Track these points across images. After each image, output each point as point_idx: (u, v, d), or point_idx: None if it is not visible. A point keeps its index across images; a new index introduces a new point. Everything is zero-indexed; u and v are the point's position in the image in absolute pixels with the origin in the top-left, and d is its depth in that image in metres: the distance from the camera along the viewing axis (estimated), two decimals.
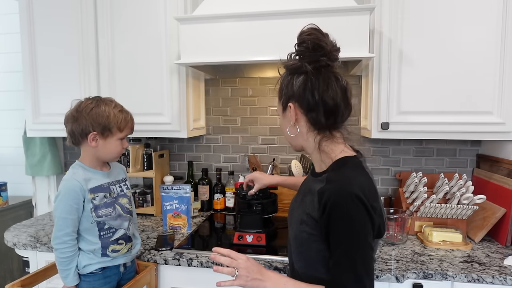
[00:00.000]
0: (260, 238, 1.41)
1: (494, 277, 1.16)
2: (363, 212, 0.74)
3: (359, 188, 0.75)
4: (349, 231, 0.75)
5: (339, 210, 0.75)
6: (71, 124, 1.10)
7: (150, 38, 1.67)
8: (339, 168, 0.82)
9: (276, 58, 1.41)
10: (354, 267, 0.74)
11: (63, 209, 1.08)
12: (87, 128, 1.08)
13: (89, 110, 1.08)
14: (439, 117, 1.46)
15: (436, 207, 1.48)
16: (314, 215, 0.80)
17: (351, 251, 0.75)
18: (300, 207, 0.89)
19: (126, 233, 1.19)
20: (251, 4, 1.44)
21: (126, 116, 1.14)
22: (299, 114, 0.86)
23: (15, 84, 2.32)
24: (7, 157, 2.39)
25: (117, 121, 1.10)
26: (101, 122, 1.08)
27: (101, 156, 1.14)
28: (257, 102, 1.99)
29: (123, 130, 1.13)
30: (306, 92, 0.82)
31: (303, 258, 0.86)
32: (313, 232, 0.81)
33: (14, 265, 2.18)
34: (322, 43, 0.80)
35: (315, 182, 0.86)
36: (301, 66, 0.83)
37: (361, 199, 0.74)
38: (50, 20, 1.77)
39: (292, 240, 0.90)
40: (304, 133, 0.87)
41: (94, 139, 1.09)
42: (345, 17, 1.35)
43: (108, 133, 1.10)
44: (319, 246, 0.81)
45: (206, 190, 1.96)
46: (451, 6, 1.41)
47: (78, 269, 1.12)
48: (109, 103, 1.12)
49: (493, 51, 1.40)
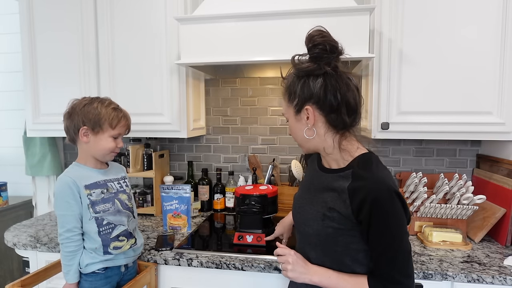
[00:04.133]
0: (260, 238, 1.41)
1: (494, 277, 1.16)
2: (400, 206, 0.80)
3: (393, 183, 0.81)
4: (393, 225, 0.80)
5: (381, 206, 0.79)
6: (66, 120, 1.15)
7: (150, 38, 1.67)
8: (365, 165, 0.85)
9: (276, 58, 1.42)
10: (401, 259, 0.81)
11: (60, 206, 1.10)
12: (79, 124, 1.11)
13: (82, 106, 1.12)
14: (439, 117, 1.46)
15: (436, 207, 1.48)
16: (342, 210, 0.83)
17: (395, 244, 0.81)
18: (316, 203, 0.90)
19: (126, 229, 1.19)
20: (251, 4, 1.44)
21: (118, 113, 1.15)
22: (317, 115, 0.86)
23: (15, 84, 2.32)
24: (7, 157, 2.39)
25: (109, 117, 1.12)
26: (92, 118, 1.11)
27: (93, 153, 1.15)
28: (257, 102, 1.99)
29: (115, 127, 1.14)
30: (328, 94, 0.83)
31: (327, 253, 0.88)
32: (340, 226, 0.84)
33: (14, 265, 2.18)
34: (337, 45, 0.83)
35: (336, 178, 0.87)
36: (318, 68, 0.83)
37: (398, 194, 0.80)
38: (50, 20, 1.77)
39: (313, 237, 0.90)
40: (322, 135, 0.88)
41: (85, 134, 1.12)
42: (345, 17, 1.35)
43: (98, 129, 1.12)
44: (346, 239, 0.85)
45: (206, 190, 1.96)
46: (450, 6, 1.41)
47: (80, 268, 1.12)
48: (103, 101, 1.15)
49: (493, 51, 1.40)
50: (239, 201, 1.48)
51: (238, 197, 1.49)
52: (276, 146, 2.00)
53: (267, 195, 1.46)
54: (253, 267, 1.27)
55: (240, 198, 1.48)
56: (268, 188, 1.52)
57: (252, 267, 1.28)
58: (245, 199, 1.46)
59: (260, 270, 1.27)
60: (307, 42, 0.84)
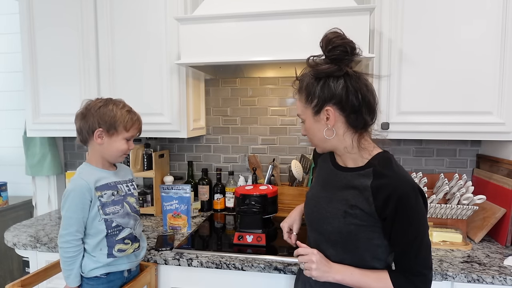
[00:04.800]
0: (260, 238, 1.41)
1: (494, 277, 1.16)
2: (422, 202, 0.84)
3: (414, 181, 0.84)
4: (417, 221, 0.83)
5: (407, 202, 0.81)
6: (79, 121, 1.14)
7: (150, 38, 1.67)
8: (385, 163, 0.87)
9: (276, 58, 1.42)
10: (423, 253, 0.84)
11: (69, 208, 1.09)
12: (94, 125, 1.11)
13: (97, 108, 1.12)
14: (439, 117, 1.46)
15: (436, 207, 1.48)
16: (365, 207, 0.85)
17: (419, 239, 0.84)
18: (336, 201, 0.91)
19: (132, 232, 1.19)
20: (251, 4, 1.44)
21: (133, 116, 1.17)
22: (337, 116, 0.87)
23: (15, 84, 2.32)
24: (7, 157, 2.39)
25: (124, 120, 1.13)
26: (108, 120, 1.11)
27: (106, 155, 1.16)
28: (257, 102, 1.99)
29: (129, 129, 1.15)
30: (350, 95, 0.85)
31: (348, 250, 0.89)
32: (362, 223, 0.86)
33: (14, 265, 2.18)
34: (355, 46, 0.85)
35: (356, 176, 0.89)
36: (339, 70, 0.85)
37: (421, 191, 0.84)
38: (50, 20, 1.77)
39: (333, 234, 0.90)
40: (341, 135, 0.89)
41: (100, 136, 1.12)
42: (345, 17, 1.34)
43: (113, 131, 1.13)
44: (368, 235, 0.86)
45: (206, 190, 1.96)
46: (450, 6, 1.41)
47: (83, 272, 1.12)
48: (118, 103, 1.16)
49: (493, 51, 1.40)
50: (239, 201, 1.48)
51: (238, 197, 1.49)
52: (276, 146, 2.00)
53: (267, 195, 1.46)
54: (253, 267, 1.27)
55: (240, 198, 1.48)
56: (268, 188, 1.52)
57: (252, 267, 1.28)
58: (245, 199, 1.46)
59: (260, 270, 1.27)
60: (326, 44, 0.85)
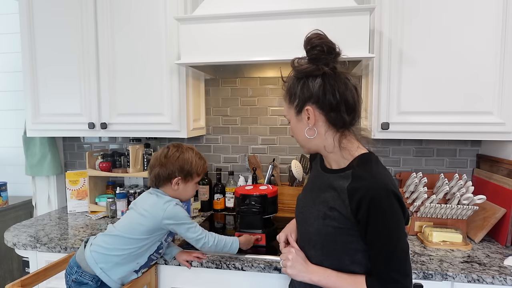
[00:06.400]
0: (260, 238, 1.41)
1: (494, 277, 1.16)
2: (398, 206, 0.81)
3: (391, 183, 0.82)
4: (391, 224, 0.81)
5: (378, 205, 0.80)
6: (158, 168, 1.22)
7: (150, 38, 1.67)
8: (364, 165, 0.86)
9: (276, 58, 1.42)
10: (398, 258, 0.82)
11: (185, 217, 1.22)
12: (173, 173, 1.21)
13: (176, 158, 1.21)
14: (439, 117, 1.46)
15: (436, 207, 1.48)
16: (341, 210, 0.85)
17: (392, 243, 0.81)
18: (318, 203, 0.91)
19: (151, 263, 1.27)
20: (251, 4, 1.44)
21: (204, 163, 1.28)
22: (317, 115, 0.88)
23: (15, 84, 2.31)
24: (7, 157, 2.39)
25: (198, 167, 1.24)
26: (186, 169, 1.22)
27: (179, 197, 1.25)
28: (257, 102, 1.99)
29: (200, 175, 1.27)
30: (327, 93, 0.85)
31: (327, 252, 0.89)
32: (340, 226, 0.85)
33: (14, 265, 2.18)
34: (334, 46, 0.85)
35: (337, 178, 0.89)
36: (317, 69, 0.85)
37: (396, 194, 0.81)
38: (50, 20, 1.77)
39: (314, 235, 0.91)
40: (322, 134, 0.89)
41: (177, 183, 1.22)
42: (345, 17, 1.35)
43: (189, 178, 1.24)
44: (346, 239, 0.86)
45: (206, 190, 1.96)
46: (450, 6, 1.41)
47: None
48: (191, 151, 1.25)
49: (493, 51, 1.40)
50: (239, 201, 1.47)
51: (238, 197, 1.49)
52: (276, 146, 2.00)
53: (267, 195, 1.46)
54: (253, 267, 1.27)
55: (240, 198, 1.48)
56: (268, 188, 1.52)
57: (252, 267, 1.27)
58: (245, 199, 1.46)
59: (260, 270, 1.27)
60: (306, 44, 0.86)
